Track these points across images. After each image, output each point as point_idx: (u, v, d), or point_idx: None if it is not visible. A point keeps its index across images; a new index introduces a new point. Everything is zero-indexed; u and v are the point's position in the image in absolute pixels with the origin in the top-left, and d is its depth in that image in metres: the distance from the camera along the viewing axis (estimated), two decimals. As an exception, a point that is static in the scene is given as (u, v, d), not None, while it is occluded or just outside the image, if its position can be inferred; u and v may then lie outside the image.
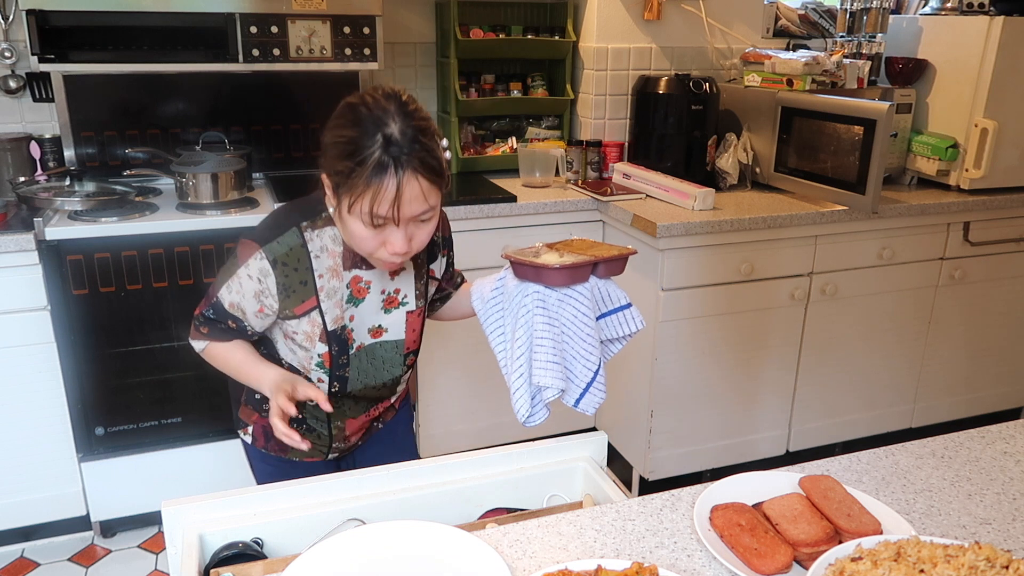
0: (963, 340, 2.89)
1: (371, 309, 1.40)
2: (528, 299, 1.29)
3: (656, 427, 2.53)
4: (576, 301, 1.29)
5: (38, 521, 2.33)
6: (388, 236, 1.21)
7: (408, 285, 1.43)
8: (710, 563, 0.97)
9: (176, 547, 1.12)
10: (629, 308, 1.36)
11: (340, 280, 1.35)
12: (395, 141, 1.15)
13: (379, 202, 1.16)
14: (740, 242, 2.42)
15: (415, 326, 1.47)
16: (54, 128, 2.56)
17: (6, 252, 2.07)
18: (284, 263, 1.29)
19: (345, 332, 1.38)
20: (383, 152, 1.15)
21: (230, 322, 1.36)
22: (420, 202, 1.19)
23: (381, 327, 1.43)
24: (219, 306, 1.35)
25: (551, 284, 1.28)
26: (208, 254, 2.25)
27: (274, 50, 2.37)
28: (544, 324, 1.28)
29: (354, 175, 1.16)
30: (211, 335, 1.39)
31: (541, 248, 1.36)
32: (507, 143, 2.96)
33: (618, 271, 1.35)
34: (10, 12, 2.44)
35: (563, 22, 2.89)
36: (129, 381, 2.28)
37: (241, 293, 1.32)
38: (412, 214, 1.19)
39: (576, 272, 1.28)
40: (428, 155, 1.17)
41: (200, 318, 1.40)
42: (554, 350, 1.27)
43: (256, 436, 1.53)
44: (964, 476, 1.16)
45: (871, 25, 2.88)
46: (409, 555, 1.01)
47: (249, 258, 1.29)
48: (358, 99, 1.21)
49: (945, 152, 2.72)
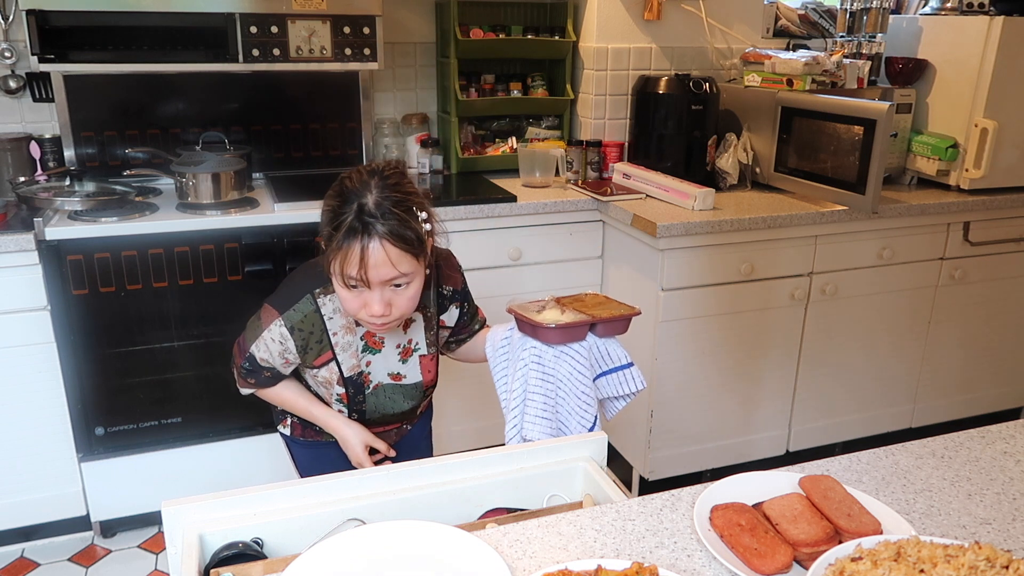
0: (963, 340, 2.89)
1: (389, 358, 1.54)
2: (526, 353, 1.36)
3: (656, 427, 2.53)
4: (571, 359, 1.34)
5: (38, 521, 2.33)
6: (366, 299, 1.33)
7: (419, 335, 1.56)
8: (710, 563, 0.97)
9: (176, 547, 1.12)
10: (630, 368, 1.41)
11: (354, 335, 1.49)
12: (367, 211, 1.28)
13: (348, 264, 1.29)
14: (740, 242, 2.42)
15: (430, 367, 1.60)
16: (54, 128, 2.56)
17: (6, 252, 2.07)
18: (300, 328, 1.45)
19: (362, 377, 1.53)
20: (355, 219, 1.28)
21: (266, 372, 1.53)
22: (387, 268, 1.29)
23: (400, 373, 1.57)
24: (253, 360, 1.51)
25: (547, 341, 1.34)
26: (208, 254, 2.25)
27: (274, 50, 2.37)
28: (538, 379, 1.34)
29: (332, 239, 1.30)
30: (257, 384, 1.56)
31: (549, 302, 1.42)
32: (507, 143, 2.96)
33: (620, 331, 1.39)
34: (10, 12, 2.44)
35: (563, 22, 2.89)
36: (129, 381, 2.28)
37: (269, 352, 1.48)
38: (381, 278, 1.30)
39: (571, 331, 1.33)
40: (399, 224, 1.28)
41: (242, 370, 1.55)
42: (545, 406, 1.34)
43: (294, 427, 1.67)
44: (964, 476, 1.16)
45: (871, 25, 2.88)
46: (409, 555, 1.01)
47: (271, 324, 1.45)
48: (348, 174, 1.35)
49: (945, 152, 2.72)
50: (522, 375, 1.34)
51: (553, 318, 1.34)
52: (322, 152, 2.84)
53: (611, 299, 1.45)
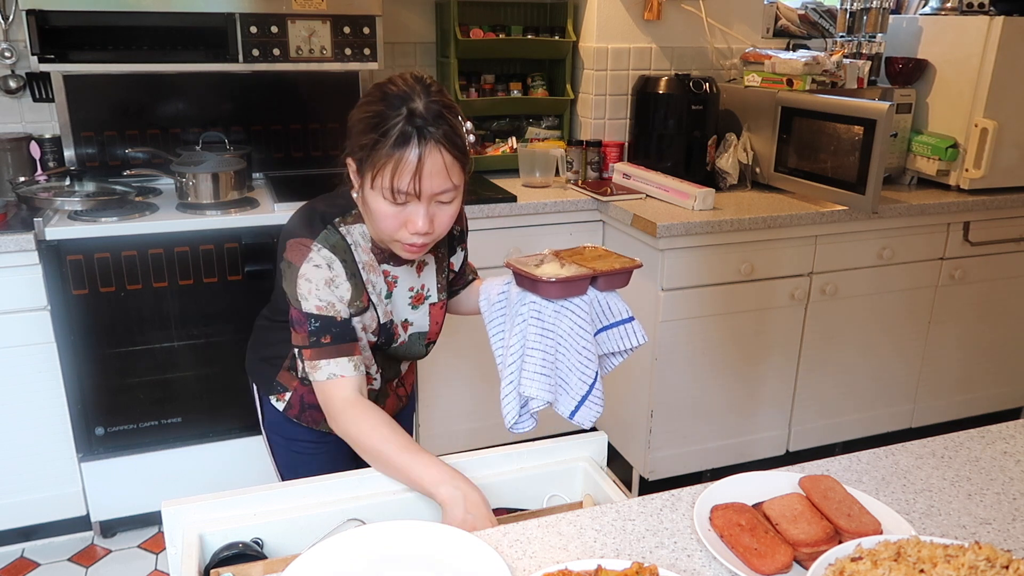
0: (963, 340, 2.89)
1: (401, 305, 1.43)
2: (525, 308, 1.30)
3: (656, 427, 2.53)
4: (572, 314, 1.30)
5: (38, 521, 2.33)
6: (410, 214, 1.21)
7: (431, 280, 1.47)
8: (710, 563, 0.97)
9: (176, 547, 1.12)
10: (631, 322, 1.35)
11: (377, 274, 1.36)
12: (419, 114, 1.17)
13: (400, 174, 1.17)
14: (740, 242, 2.42)
15: (438, 318, 1.50)
16: (54, 128, 2.56)
17: (6, 252, 2.07)
18: (333, 249, 1.28)
19: (392, 326, 1.40)
20: (406, 123, 1.17)
21: (337, 321, 1.28)
22: (442, 177, 1.19)
23: (408, 321, 1.46)
24: (311, 315, 1.27)
25: (546, 296, 1.29)
26: (208, 254, 2.25)
27: (274, 50, 2.37)
28: (537, 335, 1.29)
29: (377, 146, 1.17)
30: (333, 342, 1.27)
31: (547, 256, 1.36)
32: (507, 143, 2.96)
33: (620, 284, 1.35)
34: (10, 12, 2.44)
35: (563, 22, 2.89)
36: (129, 381, 2.28)
37: (316, 289, 1.26)
38: (433, 190, 1.20)
39: (571, 285, 1.28)
40: (452, 131, 1.19)
41: (313, 336, 1.27)
42: (544, 361, 1.29)
43: (292, 404, 1.50)
44: (964, 476, 1.16)
45: (871, 25, 2.88)
46: (409, 555, 1.01)
47: (308, 252, 1.26)
48: (386, 80, 1.24)
49: (945, 152, 2.72)
50: (520, 331, 1.29)
51: (553, 272, 1.28)
52: (322, 152, 2.84)
53: (611, 252, 1.40)
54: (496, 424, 2.72)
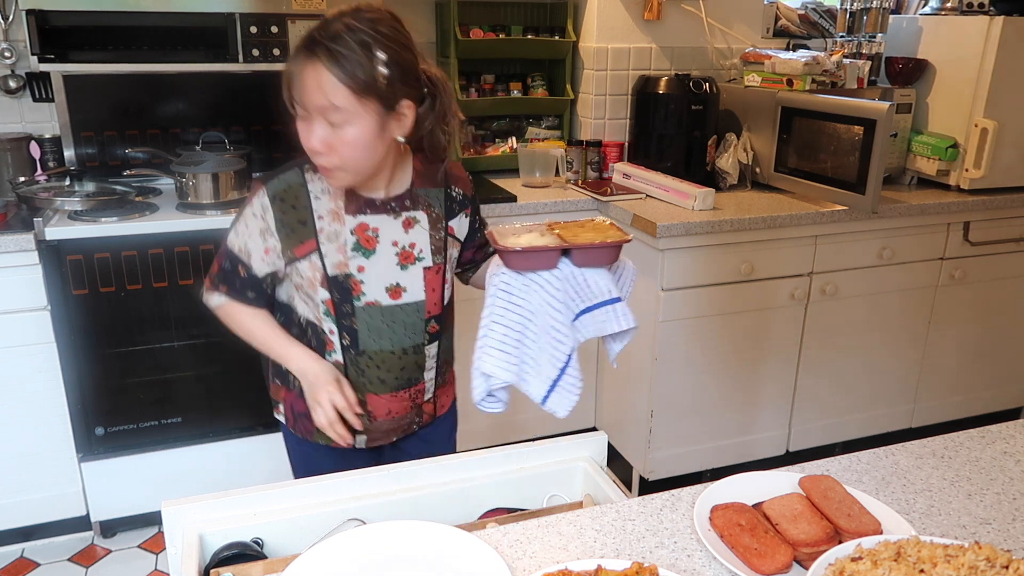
0: (963, 340, 2.89)
1: (386, 264, 1.39)
2: (496, 280, 1.24)
3: (656, 427, 2.53)
4: (541, 288, 1.21)
5: (38, 521, 2.33)
6: (305, 129, 1.28)
7: (422, 238, 1.41)
8: (710, 563, 0.97)
9: (176, 547, 1.12)
10: (615, 303, 1.25)
11: (342, 224, 1.36)
12: (318, 30, 1.24)
13: (289, 84, 1.26)
14: (740, 242, 2.42)
15: (435, 285, 1.43)
16: (54, 128, 2.56)
17: (6, 252, 2.07)
18: (282, 199, 1.35)
19: (349, 281, 1.38)
20: (304, 38, 1.25)
21: (240, 268, 1.38)
22: (320, 94, 1.22)
23: (399, 285, 1.41)
24: (230, 252, 1.39)
25: (511, 266, 1.22)
26: (208, 254, 2.25)
27: (274, 50, 2.37)
28: (502, 308, 1.22)
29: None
30: (229, 292, 1.41)
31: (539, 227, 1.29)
32: (507, 143, 2.96)
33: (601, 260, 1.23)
34: (10, 12, 2.44)
35: (563, 22, 2.89)
36: (129, 381, 2.28)
37: (248, 233, 1.37)
38: (314, 103, 1.23)
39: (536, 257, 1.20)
40: (343, 52, 1.21)
41: (218, 275, 1.42)
42: (505, 337, 1.21)
43: (287, 415, 1.52)
44: (964, 476, 1.16)
45: (871, 25, 2.88)
46: (409, 555, 1.01)
47: (254, 197, 1.36)
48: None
49: (945, 152, 2.72)
50: (489, 303, 1.23)
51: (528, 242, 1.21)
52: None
53: (614, 226, 1.30)
54: (496, 424, 2.73)
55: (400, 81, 1.26)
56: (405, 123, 1.31)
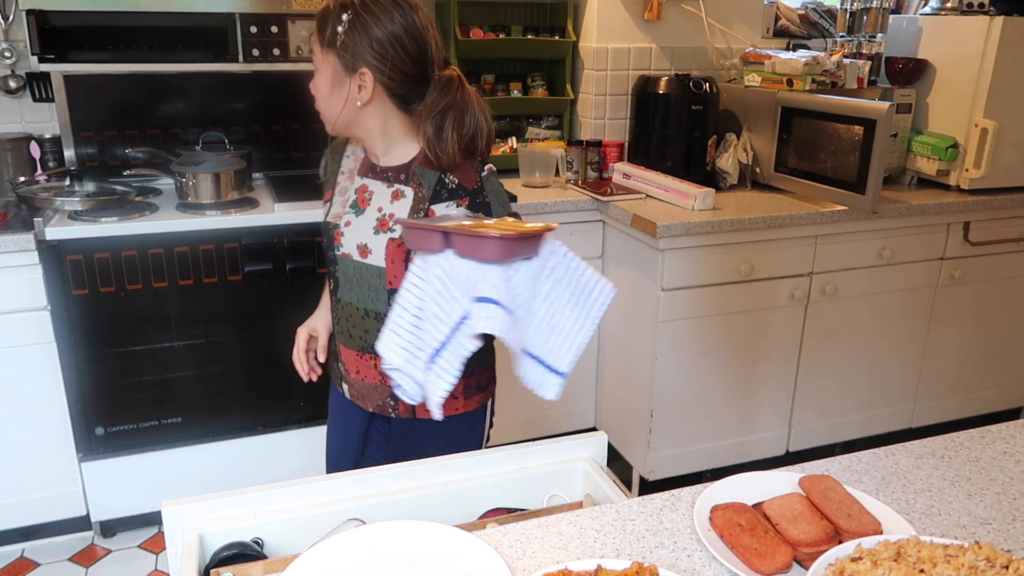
0: (963, 340, 2.89)
1: (365, 224, 1.49)
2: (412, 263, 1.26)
3: (656, 427, 2.53)
4: (435, 276, 1.18)
5: (38, 521, 2.33)
6: None
7: (402, 212, 1.45)
8: (710, 563, 0.97)
9: (176, 547, 1.12)
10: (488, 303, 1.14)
11: (352, 183, 1.54)
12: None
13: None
14: (740, 242, 2.42)
15: (395, 258, 1.44)
16: (54, 128, 2.56)
17: (6, 252, 2.07)
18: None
19: (333, 230, 1.52)
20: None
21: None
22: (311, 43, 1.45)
23: (367, 247, 1.47)
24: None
25: (407, 244, 1.32)
26: (208, 254, 2.25)
27: (274, 50, 2.37)
28: (405, 290, 1.23)
29: None
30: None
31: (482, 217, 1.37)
32: (507, 143, 2.96)
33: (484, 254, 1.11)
34: (10, 12, 2.44)
35: (563, 22, 2.89)
36: (129, 381, 2.28)
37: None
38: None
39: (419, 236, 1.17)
40: (328, 9, 1.39)
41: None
42: (399, 318, 1.23)
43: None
44: (964, 476, 1.16)
45: (871, 25, 2.88)
46: (409, 555, 1.01)
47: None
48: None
49: (945, 152, 2.72)
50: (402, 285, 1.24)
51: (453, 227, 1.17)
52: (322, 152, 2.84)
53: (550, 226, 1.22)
54: (496, 424, 2.72)
55: (369, 49, 1.37)
56: (365, 91, 1.41)
